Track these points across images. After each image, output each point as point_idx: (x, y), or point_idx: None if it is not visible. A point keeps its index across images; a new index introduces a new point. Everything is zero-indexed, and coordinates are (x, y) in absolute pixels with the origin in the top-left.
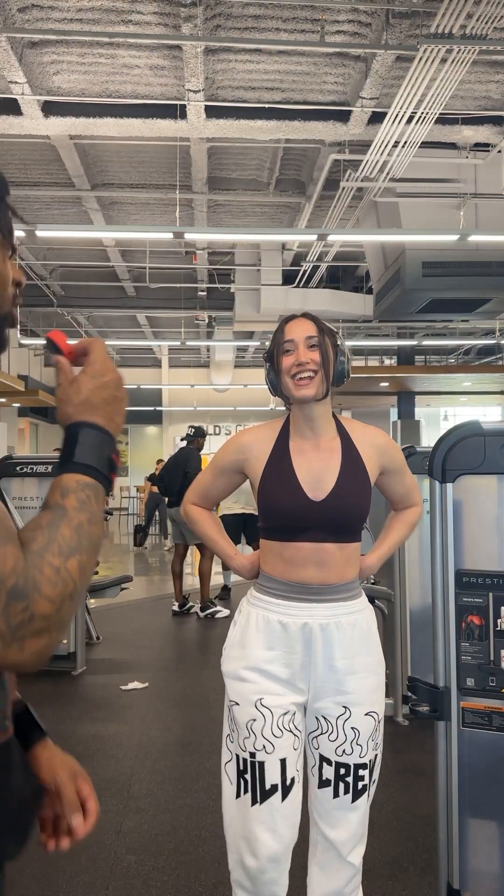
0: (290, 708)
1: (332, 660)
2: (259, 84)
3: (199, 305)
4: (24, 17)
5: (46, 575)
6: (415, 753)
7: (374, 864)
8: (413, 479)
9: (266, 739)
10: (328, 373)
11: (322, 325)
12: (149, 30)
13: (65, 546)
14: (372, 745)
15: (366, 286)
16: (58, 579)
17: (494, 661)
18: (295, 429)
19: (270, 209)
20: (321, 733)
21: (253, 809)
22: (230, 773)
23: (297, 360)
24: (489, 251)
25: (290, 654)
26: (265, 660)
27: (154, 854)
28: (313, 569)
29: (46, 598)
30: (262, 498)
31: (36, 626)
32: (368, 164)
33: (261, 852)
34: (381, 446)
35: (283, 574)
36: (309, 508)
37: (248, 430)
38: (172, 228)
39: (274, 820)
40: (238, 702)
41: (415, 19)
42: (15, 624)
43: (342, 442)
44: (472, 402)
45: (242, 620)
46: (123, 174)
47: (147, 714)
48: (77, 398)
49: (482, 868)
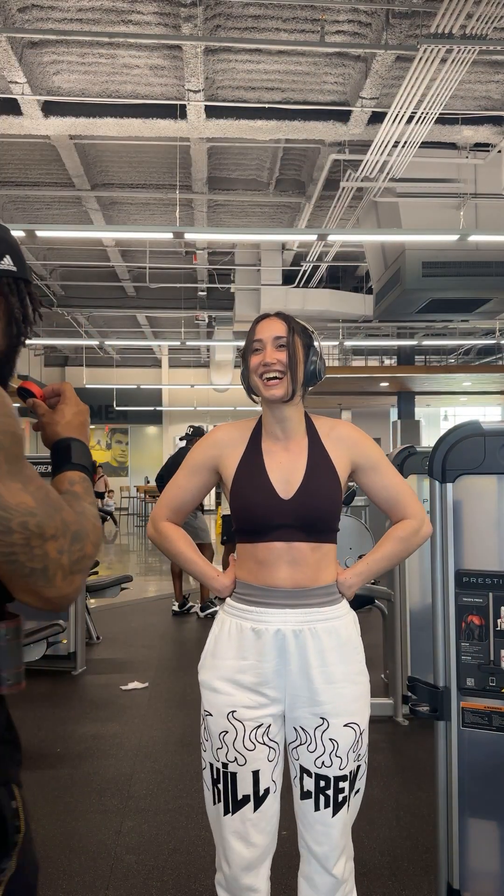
0: (265, 720)
1: (307, 668)
2: (259, 84)
3: (199, 305)
4: (24, 17)
5: (92, 526)
6: (415, 753)
7: (374, 864)
8: (405, 486)
9: (238, 752)
10: (295, 374)
11: (293, 325)
12: (149, 30)
13: (91, 512)
14: (353, 756)
15: (366, 286)
16: (95, 533)
17: (494, 661)
18: (266, 429)
19: (270, 209)
20: (300, 744)
21: (226, 819)
22: (206, 780)
23: (263, 359)
24: (489, 251)
25: (263, 662)
26: (237, 669)
27: (154, 854)
28: (286, 568)
29: (93, 543)
30: (234, 497)
31: (84, 564)
32: (368, 164)
33: (233, 861)
34: (347, 438)
35: (256, 577)
36: (278, 507)
37: (221, 427)
38: (172, 228)
39: (246, 829)
40: (211, 712)
41: (415, 19)
42: (73, 560)
43: (309, 440)
44: (472, 402)
45: (216, 629)
46: (123, 174)
47: (147, 714)
48: (63, 421)
49: (482, 868)
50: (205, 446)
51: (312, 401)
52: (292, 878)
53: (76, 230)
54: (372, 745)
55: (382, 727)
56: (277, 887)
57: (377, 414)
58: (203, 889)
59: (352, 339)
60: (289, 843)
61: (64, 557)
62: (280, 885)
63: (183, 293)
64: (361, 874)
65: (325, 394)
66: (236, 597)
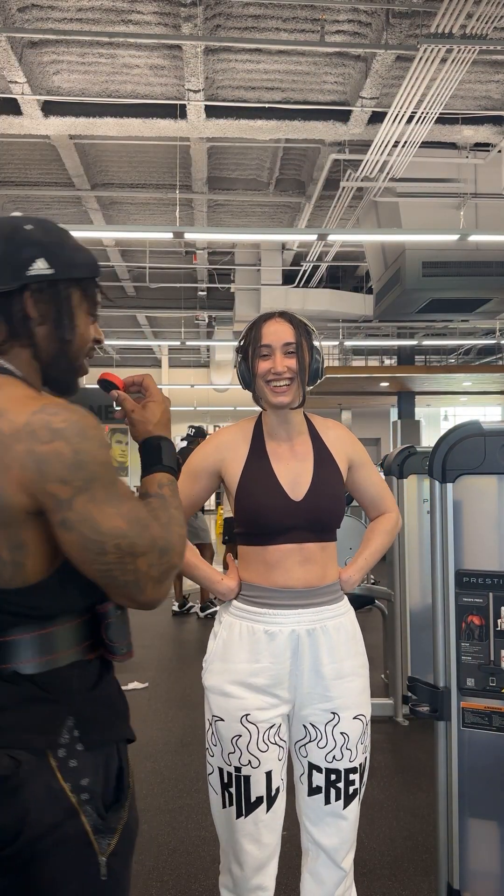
0: (276, 721)
1: (319, 666)
2: (259, 84)
3: (199, 305)
4: (24, 16)
5: (178, 536)
6: (415, 753)
7: (374, 864)
8: (384, 484)
9: (252, 755)
10: (304, 380)
11: (299, 327)
12: (149, 29)
13: (175, 520)
14: (361, 748)
15: (366, 286)
16: (181, 542)
17: (494, 661)
18: (269, 430)
19: (270, 209)
20: (309, 741)
21: (238, 822)
22: (214, 785)
23: (273, 367)
24: (489, 251)
25: (277, 664)
26: (250, 672)
27: (154, 854)
28: (297, 569)
29: (178, 553)
30: (242, 500)
31: (170, 573)
32: (368, 164)
33: (246, 862)
34: (344, 437)
35: (267, 580)
36: (290, 509)
37: (223, 431)
38: (172, 228)
39: (258, 830)
40: (223, 717)
41: (415, 19)
42: (161, 571)
43: (313, 440)
44: (472, 402)
45: (224, 632)
46: (123, 174)
47: (147, 714)
48: (154, 419)
49: (482, 868)
50: (206, 451)
51: (313, 401)
52: (292, 877)
53: (76, 230)
54: (372, 744)
55: (382, 727)
56: (278, 886)
57: (377, 414)
58: (203, 889)
59: (352, 339)
60: (288, 843)
61: (153, 570)
62: (280, 885)
63: (183, 293)
64: (361, 874)
65: (325, 394)
66: (244, 599)
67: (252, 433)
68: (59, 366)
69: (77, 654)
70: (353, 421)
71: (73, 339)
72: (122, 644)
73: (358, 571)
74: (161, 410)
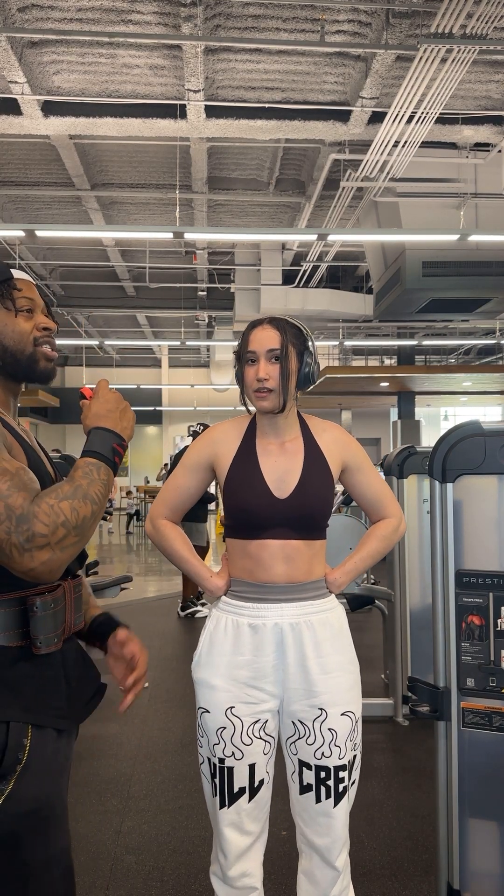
0: (262, 716)
1: (304, 660)
2: (259, 84)
3: (199, 305)
4: (24, 16)
5: (42, 508)
6: (415, 753)
7: (374, 864)
8: (386, 487)
9: (235, 747)
10: (287, 387)
11: (287, 333)
12: (149, 29)
13: (60, 494)
14: (350, 745)
15: (366, 286)
16: (50, 511)
17: (494, 661)
18: (260, 430)
19: (270, 209)
20: (298, 738)
21: (221, 812)
22: (205, 773)
23: (256, 374)
24: (489, 251)
25: (261, 657)
26: (235, 665)
27: (154, 854)
28: (281, 565)
29: (41, 522)
30: (228, 496)
31: (38, 542)
32: (368, 164)
33: (230, 851)
34: (340, 440)
35: (251, 574)
36: (274, 506)
37: (218, 426)
38: (172, 228)
39: (241, 819)
40: (208, 709)
41: (415, 19)
42: (23, 539)
43: (305, 441)
44: (472, 402)
45: (211, 626)
46: (123, 174)
47: (147, 714)
48: (89, 414)
49: (482, 868)
50: (201, 445)
51: (313, 401)
52: (292, 878)
53: (76, 230)
54: (372, 745)
55: (382, 727)
56: (278, 887)
57: (377, 414)
58: (203, 889)
59: (352, 339)
60: (288, 843)
61: (14, 537)
62: (281, 885)
63: (183, 293)
64: (361, 874)
65: (325, 394)
66: (231, 594)
67: (245, 430)
68: (5, 360)
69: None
70: (353, 421)
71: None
72: (44, 637)
73: (345, 575)
74: (98, 404)
